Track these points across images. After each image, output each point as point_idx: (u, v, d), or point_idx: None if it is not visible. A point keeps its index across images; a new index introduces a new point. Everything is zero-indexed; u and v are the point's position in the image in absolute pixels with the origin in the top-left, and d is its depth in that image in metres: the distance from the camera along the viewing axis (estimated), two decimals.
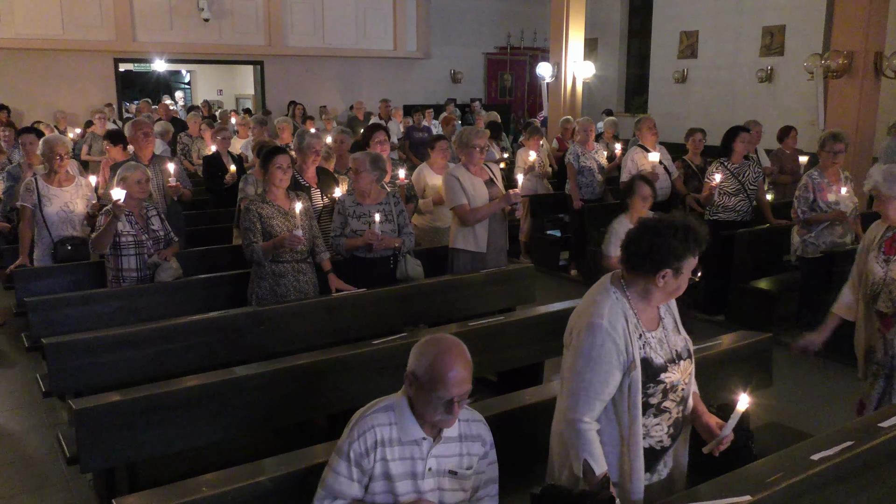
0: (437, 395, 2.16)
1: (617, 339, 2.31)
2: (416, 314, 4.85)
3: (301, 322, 4.37)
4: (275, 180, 4.49)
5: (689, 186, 7.14)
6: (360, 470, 2.20)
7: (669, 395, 2.42)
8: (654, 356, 2.38)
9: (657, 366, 2.38)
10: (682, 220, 2.36)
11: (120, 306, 4.46)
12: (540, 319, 4.41)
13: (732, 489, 2.31)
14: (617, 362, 2.31)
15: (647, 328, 2.40)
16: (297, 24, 15.40)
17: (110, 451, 3.13)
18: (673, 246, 2.30)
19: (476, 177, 5.06)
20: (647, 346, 2.38)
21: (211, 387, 3.34)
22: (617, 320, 2.33)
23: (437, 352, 2.20)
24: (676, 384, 2.43)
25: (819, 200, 5.46)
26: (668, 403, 2.43)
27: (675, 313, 2.52)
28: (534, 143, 8.32)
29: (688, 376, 2.48)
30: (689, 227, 2.32)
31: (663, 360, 2.40)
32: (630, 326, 2.35)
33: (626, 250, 2.39)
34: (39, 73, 13.32)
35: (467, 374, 2.21)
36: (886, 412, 2.92)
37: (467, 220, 5.02)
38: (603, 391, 2.32)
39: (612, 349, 2.31)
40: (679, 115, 14.14)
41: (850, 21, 7.42)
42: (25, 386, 5.10)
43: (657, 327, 2.44)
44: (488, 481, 2.40)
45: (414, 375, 2.21)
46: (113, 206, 4.36)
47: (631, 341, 2.33)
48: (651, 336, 2.40)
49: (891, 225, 3.64)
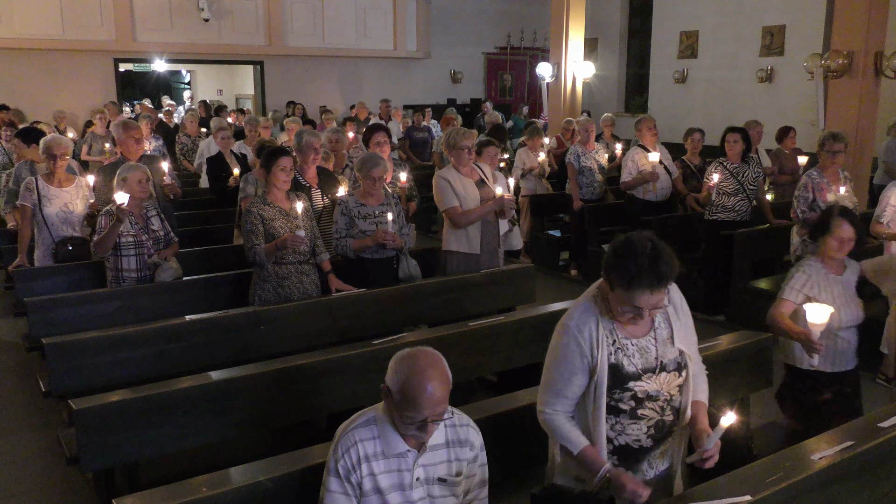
0: (408, 415, 2.11)
1: (581, 342, 2.36)
2: (416, 314, 4.85)
3: (301, 322, 4.37)
4: (277, 182, 4.48)
5: (688, 186, 7.15)
6: (351, 485, 2.19)
7: (647, 404, 2.38)
8: (627, 363, 2.36)
9: (627, 373, 2.36)
10: (655, 250, 2.25)
11: (120, 306, 4.46)
12: (540, 319, 4.40)
13: (732, 489, 2.31)
14: (580, 364, 2.37)
15: (628, 334, 2.38)
16: (297, 24, 15.39)
17: (110, 451, 3.13)
18: (616, 263, 2.27)
19: (466, 178, 5.05)
20: (619, 351, 2.37)
21: (211, 387, 3.34)
22: (584, 324, 2.37)
23: (410, 370, 2.12)
24: (655, 394, 2.39)
25: (819, 200, 5.46)
26: (645, 411, 2.39)
27: (674, 326, 2.45)
28: (535, 143, 8.33)
29: (674, 388, 2.43)
30: (655, 258, 2.23)
31: (637, 369, 2.37)
32: (600, 331, 2.36)
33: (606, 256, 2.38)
34: (39, 73, 13.32)
35: (442, 394, 2.13)
36: (886, 412, 2.92)
37: (458, 223, 5.01)
38: (566, 388, 2.40)
39: (576, 350, 2.37)
40: (679, 115, 14.13)
41: (850, 21, 7.42)
42: (25, 386, 5.10)
43: (644, 335, 2.41)
44: (479, 483, 2.38)
45: (389, 391, 2.17)
46: (116, 209, 4.37)
47: (598, 346, 2.35)
48: (630, 343, 2.38)
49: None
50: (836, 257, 3.65)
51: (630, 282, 2.23)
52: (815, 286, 3.62)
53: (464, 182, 5.02)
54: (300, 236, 4.37)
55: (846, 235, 3.60)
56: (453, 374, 2.20)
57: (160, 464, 3.65)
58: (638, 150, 7.09)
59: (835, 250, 3.63)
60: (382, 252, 4.72)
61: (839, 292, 3.62)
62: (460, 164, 5.04)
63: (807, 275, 3.65)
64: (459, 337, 4.05)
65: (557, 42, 11.05)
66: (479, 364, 4.24)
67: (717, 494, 2.28)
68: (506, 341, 4.27)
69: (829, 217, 3.66)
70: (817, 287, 3.62)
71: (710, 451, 2.30)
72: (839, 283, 3.66)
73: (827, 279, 3.64)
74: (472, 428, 2.35)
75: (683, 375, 2.45)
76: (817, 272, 3.66)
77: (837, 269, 3.68)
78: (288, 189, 4.58)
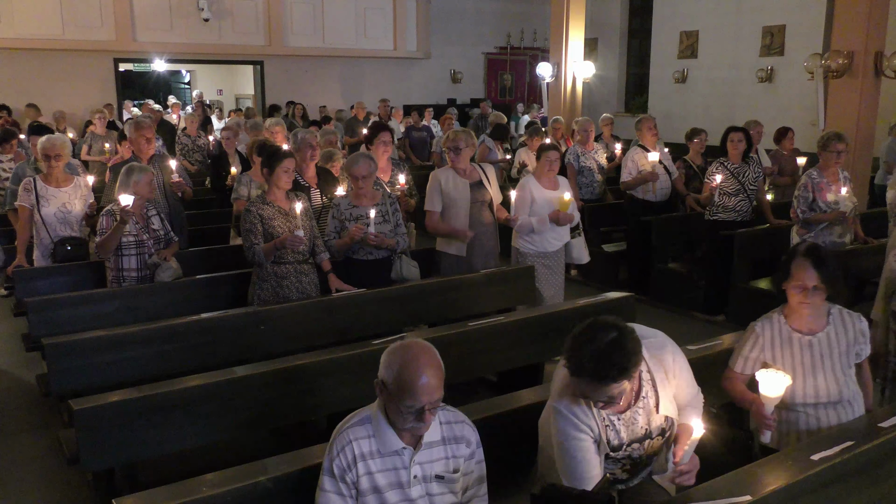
0: (405, 404, 2.12)
1: (578, 422, 2.30)
2: (415, 314, 4.85)
3: (301, 322, 4.37)
4: (280, 182, 4.48)
5: (690, 187, 7.14)
6: (346, 485, 2.19)
7: (632, 458, 2.44)
8: (613, 437, 2.37)
9: (612, 446, 2.37)
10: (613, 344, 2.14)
11: (120, 306, 4.46)
12: (540, 319, 4.40)
13: (732, 489, 2.31)
14: (591, 441, 2.31)
15: (614, 411, 2.36)
16: (297, 24, 15.40)
17: (110, 451, 3.13)
18: (570, 349, 2.20)
19: (462, 178, 5.04)
20: (608, 427, 2.36)
21: (211, 387, 3.34)
22: (575, 404, 2.31)
23: (404, 360, 2.14)
24: (638, 458, 2.42)
25: (818, 200, 5.46)
26: (624, 461, 2.44)
27: (661, 394, 2.40)
28: (535, 143, 8.32)
29: (657, 448, 2.46)
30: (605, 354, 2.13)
31: (622, 441, 2.38)
32: (592, 409, 2.31)
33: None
34: (39, 73, 13.33)
35: (437, 381, 2.15)
36: (886, 412, 2.92)
37: (428, 225, 5.09)
38: (587, 471, 2.30)
39: (576, 431, 2.29)
40: (679, 115, 14.14)
41: (850, 21, 7.42)
42: (25, 386, 5.10)
43: (630, 408, 2.39)
44: (477, 480, 2.38)
45: (383, 384, 2.18)
46: (122, 211, 4.37)
47: (594, 421, 2.32)
48: (616, 419, 2.37)
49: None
50: (799, 311, 2.86)
51: (575, 373, 2.19)
52: (770, 349, 2.87)
53: (457, 182, 5.01)
54: (299, 236, 4.37)
55: (809, 283, 2.77)
56: (453, 374, 2.21)
57: (160, 464, 3.65)
58: (638, 150, 7.09)
59: (797, 301, 2.82)
60: (376, 252, 4.70)
61: (808, 358, 2.83)
62: (458, 164, 5.04)
63: (756, 335, 2.91)
64: (459, 337, 4.05)
65: (557, 42, 11.05)
66: (479, 364, 4.24)
67: (717, 494, 2.28)
68: (506, 341, 4.26)
69: (790, 258, 2.88)
70: (772, 350, 2.87)
71: (685, 465, 2.32)
72: (809, 346, 2.84)
73: (790, 340, 2.86)
74: (467, 424, 2.36)
75: (666, 436, 2.47)
76: (777, 331, 2.88)
77: (808, 325, 2.87)
78: (288, 189, 4.58)
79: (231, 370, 3.54)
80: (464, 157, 5.03)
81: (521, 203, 5.28)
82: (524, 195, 5.27)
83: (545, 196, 5.26)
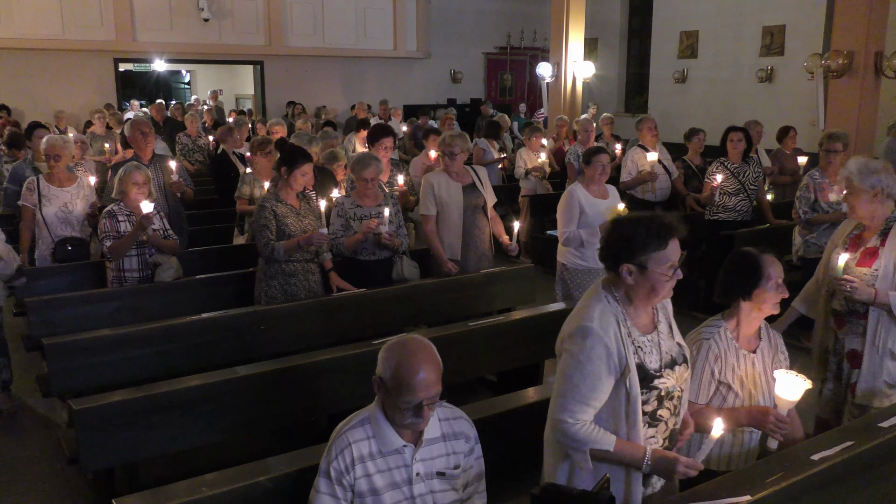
0: (404, 399, 2.11)
1: (608, 343, 2.22)
2: (416, 314, 4.85)
3: (301, 322, 4.37)
4: (296, 184, 4.51)
5: (689, 186, 7.14)
6: (342, 488, 2.19)
7: (665, 403, 2.35)
8: (648, 361, 2.31)
9: (651, 371, 2.30)
10: (651, 214, 2.30)
11: (120, 306, 4.47)
12: (540, 319, 4.40)
13: (732, 489, 2.30)
14: (607, 367, 2.22)
15: (640, 331, 2.33)
16: (297, 24, 15.40)
17: (110, 451, 3.13)
18: (629, 236, 2.25)
19: (455, 181, 5.01)
20: (640, 350, 2.30)
21: (211, 387, 3.34)
22: (608, 324, 2.25)
23: (401, 356, 2.14)
24: (672, 390, 2.35)
25: (820, 201, 5.45)
26: (662, 412, 2.35)
27: (671, 317, 2.44)
28: (535, 142, 8.32)
29: (683, 382, 2.41)
30: (653, 220, 2.26)
31: (658, 365, 2.32)
32: (623, 331, 2.27)
33: (600, 248, 2.38)
34: (39, 73, 13.33)
35: (435, 376, 2.14)
36: (886, 412, 2.91)
37: (424, 231, 5.04)
38: (591, 396, 2.22)
39: (603, 353, 2.22)
40: (679, 115, 14.14)
41: (850, 21, 7.43)
42: (25, 386, 5.10)
43: (652, 331, 2.37)
44: (476, 476, 2.38)
45: (381, 380, 2.18)
46: (141, 218, 4.42)
47: (624, 346, 2.25)
48: (645, 340, 2.33)
49: (859, 222, 3.58)
50: (749, 324, 2.72)
51: (640, 248, 2.23)
52: (724, 365, 2.66)
53: (450, 186, 4.97)
54: (324, 234, 4.40)
55: (782, 276, 2.68)
56: (453, 373, 2.21)
57: (160, 464, 3.65)
58: (637, 150, 7.09)
59: (773, 302, 2.67)
60: (380, 252, 4.71)
61: (751, 375, 2.69)
62: (451, 167, 5.01)
63: (716, 355, 2.67)
64: (459, 337, 4.05)
65: (557, 42, 11.07)
66: (479, 364, 4.24)
67: (717, 494, 2.28)
68: (506, 341, 4.27)
69: (752, 264, 2.73)
70: (724, 365, 2.66)
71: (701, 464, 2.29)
72: (752, 364, 2.71)
73: (737, 356, 2.68)
74: (464, 420, 2.36)
75: (690, 366, 2.45)
76: (725, 346, 2.68)
77: (749, 341, 2.74)
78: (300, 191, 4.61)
79: (231, 370, 3.54)
80: (458, 161, 5.01)
81: (569, 213, 4.80)
82: (571, 204, 4.81)
83: (596, 206, 4.81)
